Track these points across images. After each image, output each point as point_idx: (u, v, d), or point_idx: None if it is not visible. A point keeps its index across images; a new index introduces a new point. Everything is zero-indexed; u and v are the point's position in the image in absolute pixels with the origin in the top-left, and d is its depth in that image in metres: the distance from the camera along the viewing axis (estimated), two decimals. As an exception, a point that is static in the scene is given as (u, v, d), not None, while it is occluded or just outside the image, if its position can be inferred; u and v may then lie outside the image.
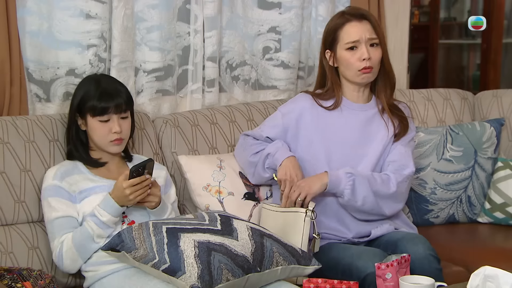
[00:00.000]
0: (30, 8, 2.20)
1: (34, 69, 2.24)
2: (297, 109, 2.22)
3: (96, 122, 1.97)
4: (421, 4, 5.13)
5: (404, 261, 1.85)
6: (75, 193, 1.95)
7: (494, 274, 1.61)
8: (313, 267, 1.88)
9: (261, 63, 2.68)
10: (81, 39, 2.29)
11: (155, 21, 2.40)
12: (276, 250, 1.83)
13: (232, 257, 1.75)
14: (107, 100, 1.97)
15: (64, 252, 1.90)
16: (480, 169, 2.56)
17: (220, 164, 2.27)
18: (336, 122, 2.20)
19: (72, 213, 1.93)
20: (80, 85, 2.05)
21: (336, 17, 2.21)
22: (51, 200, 1.93)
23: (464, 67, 4.91)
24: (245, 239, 1.81)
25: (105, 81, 2.03)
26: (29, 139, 2.06)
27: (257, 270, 1.78)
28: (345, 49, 2.16)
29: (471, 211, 2.57)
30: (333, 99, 2.22)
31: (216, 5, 2.49)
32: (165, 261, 1.72)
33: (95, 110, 1.96)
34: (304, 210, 2.04)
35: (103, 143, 2.00)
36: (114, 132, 1.97)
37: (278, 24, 2.67)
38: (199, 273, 1.69)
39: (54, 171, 1.97)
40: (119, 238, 1.80)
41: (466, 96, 2.75)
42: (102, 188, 1.96)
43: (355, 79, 2.18)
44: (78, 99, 2.00)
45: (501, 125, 2.62)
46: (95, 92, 1.97)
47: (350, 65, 2.16)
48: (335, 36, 2.18)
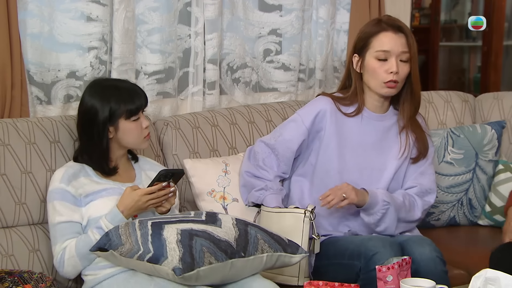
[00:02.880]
0: (31, 11, 2.20)
1: (35, 71, 2.24)
2: (317, 111, 2.18)
3: (130, 124, 1.96)
4: (421, 6, 5.14)
5: (405, 264, 1.85)
6: (81, 196, 1.94)
7: (495, 277, 1.61)
8: (300, 255, 1.88)
9: (262, 66, 2.68)
10: (82, 41, 2.29)
11: (156, 24, 2.41)
12: (261, 237, 1.84)
13: (215, 241, 1.76)
14: (138, 99, 1.98)
15: (66, 259, 1.90)
16: (481, 171, 2.56)
17: (225, 169, 2.27)
18: (353, 129, 2.17)
19: (77, 218, 1.93)
20: (97, 97, 1.96)
21: (372, 24, 2.17)
22: (56, 203, 1.93)
23: (465, 69, 4.92)
24: (229, 227, 1.82)
25: (121, 83, 2.03)
26: (30, 141, 2.06)
27: (241, 255, 1.78)
28: (375, 58, 2.11)
29: (472, 213, 2.57)
30: (354, 106, 2.18)
31: (217, 8, 2.49)
32: (149, 251, 1.74)
33: (130, 112, 1.96)
34: (303, 211, 2.04)
35: (138, 141, 1.99)
36: (145, 127, 1.99)
37: (278, 27, 2.67)
38: (180, 255, 1.70)
39: (61, 174, 1.96)
40: (106, 238, 1.82)
41: (467, 98, 2.75)
42: (109, 191, 1.95)
43: (378, 90, 2.14)
44: (107, 110, 1.94)
45: (502, 127, 2.62)
46: (126, 95, 1.96)
47: (376, 75, 2.12)
48: (367, 42, 2.13)
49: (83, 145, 2.00)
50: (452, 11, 4.91)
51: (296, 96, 2.75)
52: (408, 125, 2.19)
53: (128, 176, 2.03)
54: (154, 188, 1.90)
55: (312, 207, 2.05)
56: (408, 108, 2.18)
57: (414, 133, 2.19)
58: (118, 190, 1.95)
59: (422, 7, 5.13)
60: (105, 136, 1.96)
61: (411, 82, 2.16)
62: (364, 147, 2.17)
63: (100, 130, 1.95)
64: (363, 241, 2.01)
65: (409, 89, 2.17)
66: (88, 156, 1.99)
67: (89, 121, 1.96)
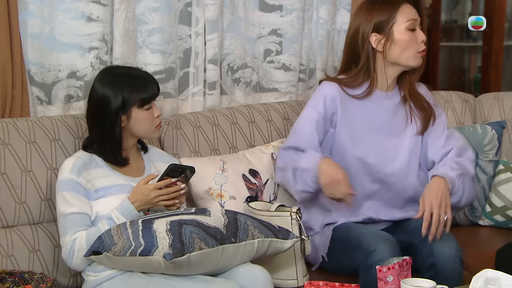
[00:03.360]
0: (32, 11, 2.21)
1: (35, 71, 2.24)
2: (324, 95, 2.16)
3: (143, 112, 1.95)
4: (422, 6, 5.13)
5: (406, 264, 1.85)
6: (90, 190, 1.92)
7: (495, 277, 1.61)
8: (292, 241, 1.89)
9: (262, 66, 2.68)
10: (83, 41, 2.29)
11: (156, 24, 2.41)
12: (251, 224, 1.85)
13: (204, 228, 1.76)
14: (151, 87, 1.96)
15: (76, 251, 1.88)
16: (482, 172, 2.56)
17: (223, 167, 2.27)
18: (363, 111, 2.16)
19: (87, 210, 1.91)
20: (109, 85, 1.93)
21: (385, 2, 2.14)
22: (67, 194, 1.90)
23: (466, 69, 4.91)
24: (218, 215, 1.84)
25: (134, 71, 2.00)
26: (30, 140, 2.06)
27: (232, 241, 1.78)
28: (406, 29, 2.12)
29: (473, 214, 2.57)
30: (363, 87, 2.16)
31: (217, 8, 2.49)
32: (140, 244, 1.74)
33: (143, 100, 1.94)
34: (288, 213, 2.04)
35: (150, 130, 1.98)
36: (157, 116, 1.98)
37: (279, 27, 2.67)
38: (170, 242, 1.71)
39: (71, 164, 1.92)
40: (99, 241, 1.81)
41: (467, 98, 2.75)
42: (119, 188, 1.94)
43: (410, 62, 2.13)
44: (119, 99, 1.91)
45: (503, 127, 2.62)
46: (139, 83, 1.94)
47: (410, 46, 2.12)
48: (390, 17, 2.12)
49: (95, 135, 1.97)
50: (452, 11, 4.90)
51: (296, 96, 2.75)
52: (407, 93, 2.19)
53: (138, 168, 2.02)
54: (162, 183, 1.89)
55: (296, 208, 2.05)
56: (412, 76, 2.19)
57: (418, 104, 2.19)
58: (128, 187, 1.94)
59: (422, 7, 5.12)
60: (118, 125, 1.93)
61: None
62: (376, 128, 2.16)
63: (113, 119, 1.92)
64: (367, 235, 2.01)
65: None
66: (100, 146, 1.96)
67: (101, 110, 1.93)
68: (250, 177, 2.30)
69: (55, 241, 2.05)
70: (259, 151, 2.38)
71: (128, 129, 1.96)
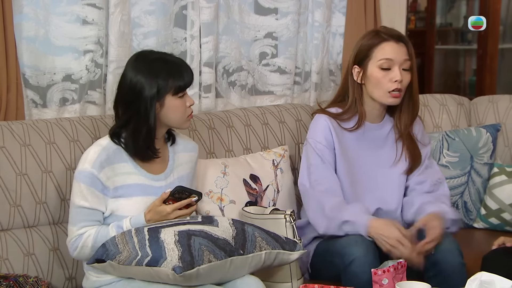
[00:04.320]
0: (27, 14, 2.20)
1: (30, 74, 2.24)
2: (322, 128, 2.17)
3: (177, 100, 1.88)
4: (417, 9, 5.16)
5: (401, 267, 1.86)
6: (110, 188, 1.88)
7: (490, 280, 1.62)
8: (298, 253, 1.89)
9: (258, 69, 2.68)
10: (78, 44, 2.29)
11: (151, 27, 2.41)
12: (259, 235, 1.84)
13: (213, 240, 1.75)
14: (187, 75, 1.89)
15: (80, 247, 1.87)
16: (476, 174, 2.57)
17: (224, 170, 2.27)
18: (355, 143, 2.19)
19: (101, 206, 1.88)
20: (144, 71, 1.85)
21: (371, 35, 2.17)
22: (84, 187, 1.86)
23: (461, 72, 4.93)
24: (226, 226, 1.82)
25: (168, 56, 1.92)
26: (24, 143, 2.05)
27: (240, 253, 1.78)
28: (378, 67, 2.12)
29: (468, 216, 2.57)
30: (353, 120, 2.19)
31: (213, 11, 2.49)
32: (148, 254, 1.73)
33: (179, 88, 1.87)
34: (282, 216, 2.04)
35: (181, 120, 1.91)
36: (190, 105, 1.91)
37: (274, 30, 2.68)
38: (179, 254, 1.69)
39: (95, 157, 1.85)
40: (103, 248, 1.80)
41: (462, 101, 2.76)
42: (139, 190, 1.90)
43: (383, 99, 2.15)
44: (155, 85, 1.84)
45: (497, 130, 2.63)
46: (175, 70, 1.87)
47: (380, 84, 2.13)
48: (368, 53, 2.14)
49: (126, 123, 1.88)
50: (447, 14, 4.93)
51: (292, 99, 2.75)
52: (404, 134, 2.21)
53: (162, 161, 1.96)
54: (184, 203, 1.87)
55: (290, 211, 2.06)
56: (406, 116, 2.20)
57: (407, 144, 2.21)
58: (148, 189, 1.91)
59: (417, 10, 5.15)
60: (153, 113, 1.85)
61: (411, 91, 2.17)
62: (366, 158, 2.19)
63: (148, 106, 1.84)
64: (343, 240, 2.03)
65: (409, 98, 2.19)
66: (133, 134, 1.87)
67: (134, 97, 1.85)
68: (250, 182, 2.30)
69: (50, 244, 2.04)
70: (260, 156, 2.38)
71: (160, 117, 1.88)
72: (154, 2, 2.40)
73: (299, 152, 2.49)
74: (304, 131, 2.52)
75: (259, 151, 2.42)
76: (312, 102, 2.78)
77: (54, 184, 2.06)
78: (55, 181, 2.06)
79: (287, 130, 2.50)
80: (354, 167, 2.19)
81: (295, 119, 2.54)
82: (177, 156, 2.01)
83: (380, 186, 2.20)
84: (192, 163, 2.06)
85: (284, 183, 2.37)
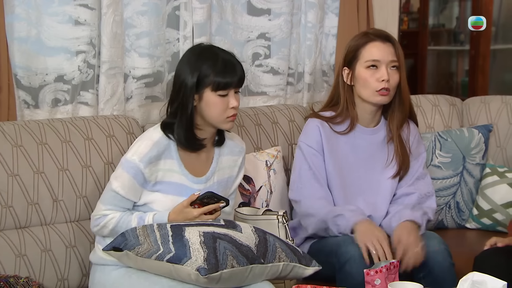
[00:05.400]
0: (19, 14, 2.19)
1: (22, 75, 2.23)
2: (313, 131, 2.18)
3: (216, 97, 1.87)
4: (410, 10, 5.16)
5: (393, 267, 1.86)
6: (151, 182, 1.89)
7: (481, 280, 1.62)
8: (313, 268, 1.90)
9: (251, 69, 2.68)
10: (70, 45, 2.28)
11: (144, 28, 2.40)
12: (279, 246, 1.85)
13: (237, 246, 1.76)
14: (231, 74, 1.87)
15: (101, 226, 1.90)
16: (469, 175, 2.58)
17: None
18: (347, 146, 2.19)
19: (135, 197, 1.90)
20: (192, 60, 1.88)
21: (359, 36, 2.19)
22: (126, 177, 1.87)
23: (453, 73, 4.95)
24: (249, 233, 1.83)
25: (222, 52, 1.92)
26: (16, 144, 2.04)
27: (261, 262, 1.79)
28: (365, 67, 2.14)
29: (460, 217, 2.58)
30: (346, 123, 2.19)
31: (206, 12, 2.49)
32: (170, 251, 1.73)
33: (218, 85, 1.86)
34: (275, 217, 2.05)
35: (219, 119, 1.90)
36: (232, 107, 1.88)
37: (267, 31, 2.68)
38: (205, 256, 1.70)
39: (146, 152, 1.86)
40: (122, 238, 1.81)
41: (454, 102, 2.77)
42: (178, 189, 1.91)
43: (371, 99, 2.15)
44: (196, 75, 1.85)
45: (489, 131, 2.64)
46: (220, 66, 1.87)
47: (368, 84, 2.13)
48: (356, 54, 2.15)
49: (173, 113, 1.90)
50: (440, 15, 4.94)
51: (285, 100, 2.75)
52: (396, 135, 2.21)
53: (206, 162, 1.97)
54: (212, 207, 1.88)
55: (283, 211, 2.06)
56: (397, 116, 2.21)
57: (397, 147, 2.21)
58: (185, 190, 1.91)
59: (410, 11, 5.15)
60: (190, 102, 1.86)
61: (400, 91, 2.18)
62: (358, 162, 2.19)
63: (188, 95, 1.86)
64: (339, 240, 2.04)
65: (398, 98, 2.19)
66: (178, 124, 1.89)
67: (179, 87, 1.88)
68: (244, 183, 2.30)
69: (42, 245, 2.03)
70: (253, 157, 2.38)
71: (199, 110, 1.89)
72: (147, 2, 2.40)
73: (292, 153, 2.50)
74: (297, 131, 2.52)
75: (252, 152, 2.42)
76: (305, 102, 2.78)
77: (46, 185, 2.05)
78: (47, 182, 2.06)
79: (280, 131, 2.51)
80: (346, 171, 2.19)
81: (288, 120, 2.54)
82: (221, 159, 2.01)
83: (371, 192, 2.20)
84: (236, 167, 2.05)
85: (277, 184, 2.37)
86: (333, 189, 2.18)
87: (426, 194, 2.23)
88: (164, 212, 1.89)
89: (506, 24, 4.47)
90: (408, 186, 2.22)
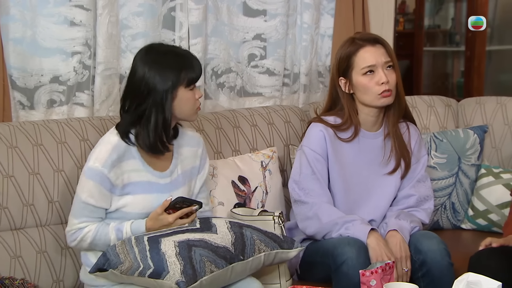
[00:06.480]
0: (14, 15, 2.19)
1: (17, 76, 2.23)
2: (317, 136, 2.17)
3: (188, 92, 1.90)
4: (405, 11, 5.18)
5: (389, 268, 1.86)
6: (118, 186, 1.89)
7: (476, 281, 1.62)
8: (296, 250, 1.91)
9: (247, 70, 2.68)
10: (65, 46, 2.28)
11: (140, 29, 2.40)
12: (257, 238, 1.85)
13: (213, 249, 1.77)
14: (197, 66, 1.92)
15: (78, 240, 1.89)
16: (464, 176, 2.58)
17: (212, 172, 2.26)
18: (351, 152, 2.19)
19: (105, 204, 1.89)
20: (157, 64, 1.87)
21: (347, 44, 2.17)
22: (93, 185, 1.86)
23: (449, 74, 4.96)
24: (224, 232, 1.83)
25: (178, 49, 1.95)
26: (11, 145, 2.04)
27: (240, 259, 1.80)
28: (362, 75, 2.13)
29: (455, 217, 2.58)
30: (350, 130, 2.18)
31: (201, 13, 2.49)
32: (150, 267, 1.74)
33: (192, 80, 1.90)
34: (271, 217, 2.06)
35: (191, 112, 1.93)
36: (198, 98, 1.93)
37: (263, 32, 2.68)
38: (181, 268, 1.71)
39: (106, 156, 1.86)
40: (104, 258, 1.81)
41: (450, 103, 2.77)
42: (145, 187, 1.91)
43: (375, 103, 2.14)
44: (169, 77, 1.86)
45: (485, 132, 2.64)
46: (187, 62, 1.90)
47: (368, 89, 2.13)
48: (349, 63, 2.14)
49: (137, 119, 1.88)
50: (435, 16, 4.95)
51: (280, 100, 2.76)
52: (392, 132, 2.21)
53: (167, 158, 1.96)
54: (185, 211, 1.89)
55: (279, 212, 2.06)
56: (393, 113, 2.20)
57: (395, 143, 2.21)
58: (153, 187, 1.92)
59: (406, 12, 5.17)
60: (168, 105, 1.87)
61: (396, 88, 2.18)
62: (362, 166, 2.19)
63: (164, 99, 1.86)
64: (334, 241, 2.05)
65: (395, 95, 2.19)
66: (147, 129, 1.87)
67: (148, 91, 1.85)
68: (239, 183, 2.30)
69: (37, 247, 2.03)
70: (249, 158, 2.38)
71: (172, 109, 1.90)
72: (142, 3, 2.40)
73: (288, 154, 2.50)
74: (293, 132, 2.53)
75: (247, 153, 2.42)
76: (301, 103, 2.79)
77: (42, 186, 2.05)
78: (43, 183, 2.05)
79: (276, 131, 2.51)
80: (349, 176, 2.18)
81: (284, 121, 2.54)
82: (181, 151, 2.01)
83: (374, 197, 2.20)
84: (197, 159, 2.04)
85: (272, 184, 2.37)
86: (336, 193, 2.18)
87: (425, 197, 2.24)
88: (141, 221, 1.89)
89: (501, 25, 4.48)
90: (409, 188, 2.23)
